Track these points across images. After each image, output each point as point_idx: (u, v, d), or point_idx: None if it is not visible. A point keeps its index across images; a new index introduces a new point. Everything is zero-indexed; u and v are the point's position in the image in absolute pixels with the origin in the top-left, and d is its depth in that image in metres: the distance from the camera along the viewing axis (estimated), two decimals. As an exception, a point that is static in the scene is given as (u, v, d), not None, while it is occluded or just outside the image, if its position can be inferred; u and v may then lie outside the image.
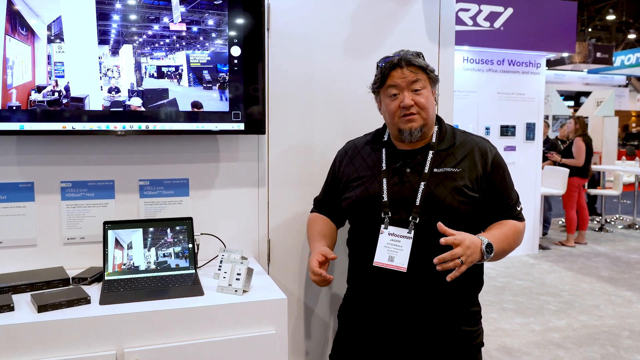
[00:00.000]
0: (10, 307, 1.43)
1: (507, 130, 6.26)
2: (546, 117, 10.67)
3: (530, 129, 6.34)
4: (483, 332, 1.73)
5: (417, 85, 1.61)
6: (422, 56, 1.67)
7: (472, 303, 1.70)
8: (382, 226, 1.61)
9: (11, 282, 1.60)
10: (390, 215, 1.61)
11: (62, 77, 1.68)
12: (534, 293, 4.84)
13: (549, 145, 7.28)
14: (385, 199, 1.62)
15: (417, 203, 1.59)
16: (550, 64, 9.79)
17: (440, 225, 1.49)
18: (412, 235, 1.58)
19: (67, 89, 1.68)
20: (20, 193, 1.79)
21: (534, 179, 6.37)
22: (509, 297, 4.71)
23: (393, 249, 1.59)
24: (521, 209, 1.71)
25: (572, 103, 14.33)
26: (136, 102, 1.75)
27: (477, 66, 6.14)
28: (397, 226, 1.60)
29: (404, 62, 1.61)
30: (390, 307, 1.64)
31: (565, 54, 7.76)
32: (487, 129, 6.22)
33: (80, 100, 1.71)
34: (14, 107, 1.65)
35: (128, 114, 1.75)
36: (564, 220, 8.33)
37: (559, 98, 11.31)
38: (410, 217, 1.59)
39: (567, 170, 6.61)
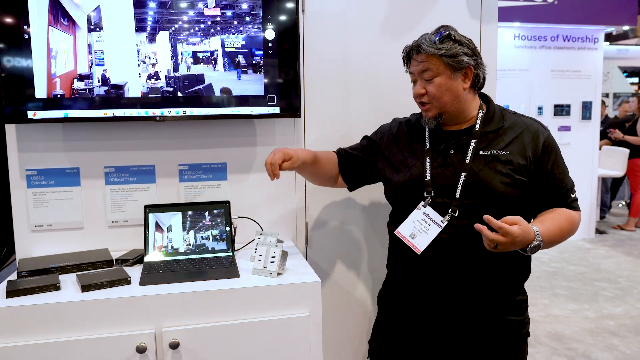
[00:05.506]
0: (56, 287, 1.50)
1: (561, 110, 6.00)
2: (606, 95, 10.15)
3: (586, 107, 6.05)
4: (529, 322, 1.67)
5: (427, 75, 1.55)
6: (452, 36, 1.54)
7: (518, 291, 1.64)
8: (422, 203, 1.58)
9: (59, 262, 1.68)
10: (432, 195, 1.58)
11: (102, 65, 1.73)
12: (589, 279, 4.65)
13: (607, 125, 6.93)
14: (428, 178, 1.59)
15: (459, 189, 1.54)
16: (613, 38, 9.27)
17: (488, 218, 1.40)
18: (443, 225, 1.54)
19: (107, 77, 1.74)
20: (67, 178, 1.87)
21: (590, 160, 6.10)
22: (561, 283, 4.55)
23: (420, 227, 1.57)
24: (576, 198, 1.61)
25: (636, 80, 13.51)
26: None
27: (529, 43, 5.90)
28: (437, 209, 1.57)
29: (414, 50, 1.56)
30: (431, 294, 1.61)
31: (626, 27, 7.32)
32: (540, 108, 5.98)
33: (120, 87, 1.76)
34: (59, 96, 1.71)
35: (165, 100, 1.78)
36: (623, 203, 7.95)
37: (620, 75, 10.71)
38: (450, 209, 1.55)
39: (626, 151, 6.29)
